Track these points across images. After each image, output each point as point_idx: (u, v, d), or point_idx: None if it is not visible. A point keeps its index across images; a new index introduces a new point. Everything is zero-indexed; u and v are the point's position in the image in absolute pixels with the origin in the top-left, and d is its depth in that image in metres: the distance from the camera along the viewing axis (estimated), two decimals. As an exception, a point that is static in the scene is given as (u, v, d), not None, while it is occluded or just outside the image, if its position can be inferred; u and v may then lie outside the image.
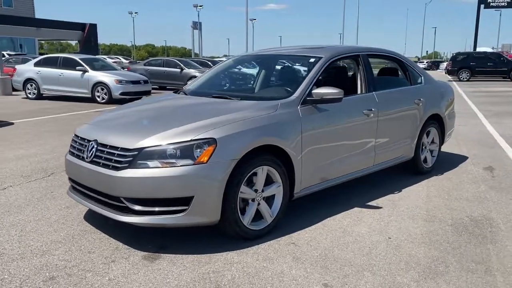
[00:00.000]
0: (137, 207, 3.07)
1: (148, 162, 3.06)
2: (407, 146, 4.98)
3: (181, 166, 3.03)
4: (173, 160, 3.05)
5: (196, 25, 56.64)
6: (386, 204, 4.31)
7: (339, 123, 4.04)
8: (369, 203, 4.32)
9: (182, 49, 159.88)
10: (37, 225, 3.67)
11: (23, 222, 3.75)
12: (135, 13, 72.48)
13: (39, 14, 62.17)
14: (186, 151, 3.07)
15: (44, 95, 14.43)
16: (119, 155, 3.14)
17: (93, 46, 47.29)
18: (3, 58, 21.20)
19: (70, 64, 13.90)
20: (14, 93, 15.90)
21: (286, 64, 4.89)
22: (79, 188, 3.54)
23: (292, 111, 3.66)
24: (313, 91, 3.80)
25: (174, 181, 3.01)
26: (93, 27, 47.69)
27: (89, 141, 3.43)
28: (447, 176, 5.34)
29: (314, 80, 3.96)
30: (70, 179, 3.70)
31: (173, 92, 4.70)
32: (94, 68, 13.80)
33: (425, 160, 5.41)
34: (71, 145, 3.69)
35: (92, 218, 3.81)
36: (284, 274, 2.90)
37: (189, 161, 3.05)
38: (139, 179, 3.03)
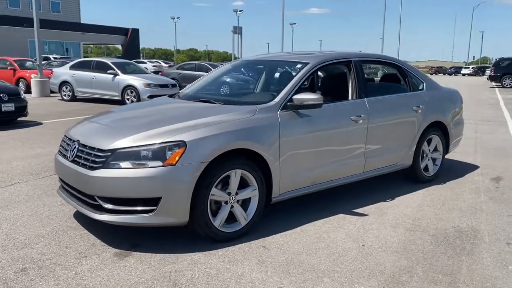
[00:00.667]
0: (109, 206, 3.21)
1: (120, 163, 3.19)
2: (404, 154, 4.90)
3: (150, 167, 3.15)
4: (144, 162, 3.17)
5: (237, 30, 57.35)
6: (373, 211, 4.27)
7: (322, 129, 4.04)
8: (356, 210, 4.29)
9: (224, 53, 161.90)
10: (28, 220, 3.89)
11: (16, 216, 3.98)
12: (177, 18, 74.01)
13: (84, 19, 64.67)
14: (156, 153, 3.18)
15: (78, 97, 15.06)
16: (95, 155, 3.30)
17: (135, 50, 48.81)
18: (49, 62, 22.30)
19: (102, 68, 14.45)
20: (52, 95, 16.67)
21: (274, 70, 4.93)
22: (65, 186, 3.73)
23: (270, 116, 3.71)
24: (293, 97, 3.83)
25: (142, 181, 3.13)
26: (136, 31, 49.24)
27: (73, 141, 3.62)
28: (448, 185, 5.21)
29: (297, 86, 3.98)
30: (59, 178, 3.90)
31: (168, 96, 4.84)
32: (124, 72, 14.28)
33: (426, 169, 5.29)
34: (60, 145, 3.89)
35: (80, 215, 3.99)
36: (243, 277, 2.95)
37: (159, 163, 3.16)
38: (111, 179, 3.16)
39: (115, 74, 14.06)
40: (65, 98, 15.15)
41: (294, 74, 4.14)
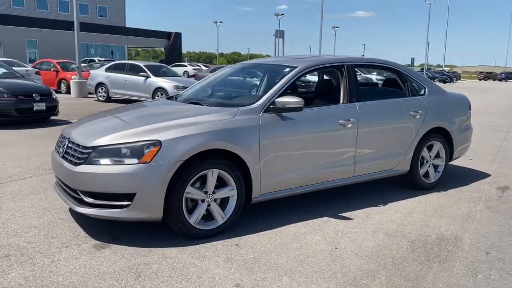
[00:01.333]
0: (89, 200, 3.41)
1: (100, 159, 3.38)
2: (400, 159, 4.85)
3: (126, 164, 3.32)
4: (121, 159, 3.35)
5: (279, 33, 57.63)
6: (359, 215, 4.27)
7: (307, 132, 4.08)
8: (343, 214, 4.30)
9: (267, 56, 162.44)
10: (27, 211, 4.16)
11: (18, 208, 4.26)
12: (220, 22, 75.15)
13: (129, 23, 66.92)
14: (132, 151, 3.36)
15: (112, 98, 15.67)
16: (79, 152, 3.51)
17: (177, 53, 50.00)
18: (90, 64, 23.33)
19: (135, 70, 14.97)
20: (89, 95, 17.42)
21: (266, 74, 5.00)
22: (58, 182, 3.97)
23: (251, 118, 3.80)
24: (276, 100, 3.90)
25: (118, 178, 3.31)
26: (178, 35, 50.45)
27: (65, 138, 3.86)
28: (449, 193, 5.10)
29: (282, 90, 4.06)
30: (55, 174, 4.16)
31: (166, 98, 5.03)
32: (156, 74, 14.73)
33: (427, 175, 5.21)
34: (56, 142, 4.15)
35: (75, 208, 4.23)
36: (206, 272, 3.06)
37: (135, 161, 3.33)
38: (91, 174, 3.36)
39: (147, 77, 14.53)
40: (100, 98, 15.80)
41: (280, 77, 4.21)
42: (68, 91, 17.94)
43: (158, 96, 14.27)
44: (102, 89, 15.74)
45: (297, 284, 2.93)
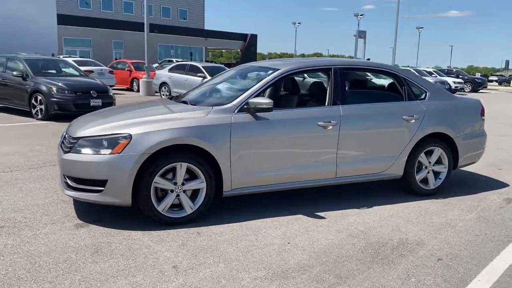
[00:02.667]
0: (72, 184, 3.91)
1: (82, 149, 3.86)
2: (391, 163, 4.83)
3: (101, 154, 3.77)
4: (98, 149, 3.80)
5: (361, 34, 56.64)
6: (334, 216, 4.36)
7: (281, 133, 4.26)
8: (319, 213, 4.42)
9: (349, 58, 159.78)
10: (39, 192, 4.78)
11: (34, 189, 4.90)
12: (298, 23, 75.16)
13: (208, 26, 69.49)
14: (107, 143, 3.79)
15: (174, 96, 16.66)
16: (68, 142, 4.02)
17: (252, 55, 51.05)
18: (161, 64, 24.79)
19: (194, 71, 15.77)
20: (156, 94, 18.58)
21: (250, 75, 5.20)
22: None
23: (222, 117, 4.07)
24: (249, 101, 4.14)
25: (93, 165, 3.76)
26: (254, 37, 51.47)
27: (66, 130, 4.41)
28: (447, 200, 4.97)
29: (258, 91, 4.28)
30: None
31: (168, 98, 5.44)
32: (212, 75, 15.39)
33: (425, 181, 5.11)
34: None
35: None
36: (154, 253, 3.40)
37: (108, 151, 3.76)
38: (74, 161, 3.85)
39: (204, 77, 15.23)
40: (163, 97, 16.82)
41: (259, 80, 4.44)
42: (139, 89, 19.27)
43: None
44: (165, 88, 16.76)
45: (229, 270, 3.16)
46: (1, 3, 32.15)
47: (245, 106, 4.16)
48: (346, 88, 4.77)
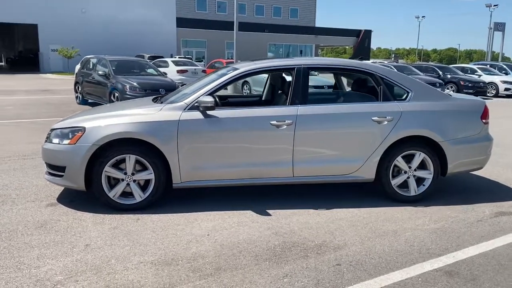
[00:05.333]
0: (47, 169, 4.58)
1: (52, 139, 4.51)
2: (359, 166, 4.68)
3: (62, 144, 4.37)
4: (61, 140, 4.41)
5: (498, 26, 51.60)
6: (281, 215, 4.40)
7: (231, 130, 4.42)
8: (269, 210, 4.50)
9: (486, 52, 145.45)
10: (40, 174, 5.56)
11: (36, 173, 5.71)
12: (422, 17, 70.96)
13: (319, 23, 69.00)
14: (66, 134, 4.38)
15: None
16: (48, 133, 4.71)
17: (365, 51, 49.68)
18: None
19: None
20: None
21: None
22: None
23: (172, 114, 4.39)
24: (198, 99, 4.40)
25: (56, 154, 4.38)
26: (368, 33, 50.04)
27: (58, 123, 5.13)
28: (422, 209, 4.65)
29: (211, 90, 4.51)
30: None
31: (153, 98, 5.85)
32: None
33: (405, 187, 4.83)
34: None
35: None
36: (84, 232, 3.87)
37: (67, 142, 4.34)
38: (46, 149, 4.52)
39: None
40: (244, 94, 17.52)
41: (216, 79, 4.65)
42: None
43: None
44: (246, 86, 17.42)
45: (127, 253, 3.50)
46: (128, 9, 36.19)
47: (195, 104, 4.43)
48: (309, 88, 4.73)
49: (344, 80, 5.84)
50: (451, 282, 3.12)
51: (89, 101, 13.31)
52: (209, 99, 4.30)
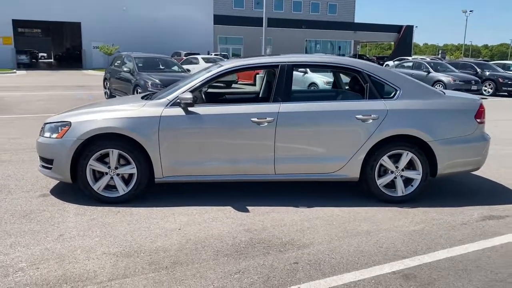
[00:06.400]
0: (40, 162, 4.81)
1: (44, 132, 4.72)
2: (342, 164, 4.61)
3: (50, 138, 4.57)
4: (51, 134, 4.60)
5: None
6: (258, 211, 4.42)
7: (211, 127, 4.48)
8: (249, 207, 4.53)
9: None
10: (51, 168, 5.85)
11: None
12: (470, 11, 68.16)
13: (358, 19, 67.79)
14: (54, 129, 4.57)
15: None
16: (42, 127, 4.93)
17: (407, 47, 48.38)
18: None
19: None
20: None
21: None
22: None
23: (154, 110, 4.49)
24: (179, 96, 4.48)
25: (46, 147, 4.59)
26: (409, 28, 48.69)
27: (56, 118, 5.35)
28: (405, 210, 4.53)
29: (194, 86, 4.58)
30: None
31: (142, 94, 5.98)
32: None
33: (392, 187, 4.72)
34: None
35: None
36: (63, 223, 4.04)
37: (55, 135, 4.54)
38: (38, 143, 4.74)
39: (305, 72, 15.42)
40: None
41: (200, 76, 4.71)
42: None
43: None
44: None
45: (95, 243, 3.62)
46: (166, 7, 36.93)
47: (177, 101, 4.51)
48: (292, 86, 4.70)
49: (345, 78, 5.74)
50: (404, 286, 3.05)
51: (116, 96, 13.73)
52: (189, 95, 4.36)
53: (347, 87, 5.47)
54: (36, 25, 53.23)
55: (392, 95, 4.72)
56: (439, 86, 17.34)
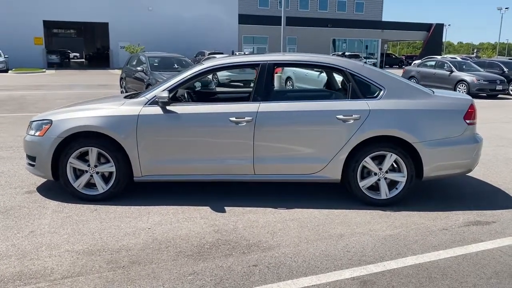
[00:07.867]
0: (26, 159, 4.90)
1: (29, 130, 4.81)
2: (323, 166, 4.50)
3: (33, 136, 4.65)
4: (35, 131, 4.68)
5: None
6: (234, 212, 4.37)
7: (189, 126, 4.44)
8: (227, 207, 4.48)
9: None
10: (45, 165, 5.97)
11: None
12: (506, 8, 65.85)
13: (385, 17, 66.52)
14: (37, 127, 4.65)
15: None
16: (28, 125, 5.03)
17: (437, 45, 47.21)
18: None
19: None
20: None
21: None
22: None
23: (132, 109, 4.50)
24: (157, 94, 4.47)
25: (29, 144, 4.67)
26: (439, 26, 47.53)
27: (47, 116, 5.45)
28: (386, 214, 4.39)
29: (173, 85, 4.57)
30: None
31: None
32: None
33: (376, 189, 4.59)
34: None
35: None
36: (39, 219, 4.10)
37: (38, 133, 4.61)
38: (24, 141, 4.83)
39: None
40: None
41: (179, 75, 4.69)
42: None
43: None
44: (289, 82, 17.28)
45: (62, 240, 3.66)
46: (192, 7, 37.27)
47: (155, 100, 4.51)
48: (273, 85, 4.62)
49: (339, 78, 5.61)
50: (358, 293, 2.93)
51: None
52: (165, 94, 4.35)
53: (332, 87, 5.34)
54: (70, 26, 54.75)
55: (375, 94, 4.58)
56: (462, 85, 16.85)
